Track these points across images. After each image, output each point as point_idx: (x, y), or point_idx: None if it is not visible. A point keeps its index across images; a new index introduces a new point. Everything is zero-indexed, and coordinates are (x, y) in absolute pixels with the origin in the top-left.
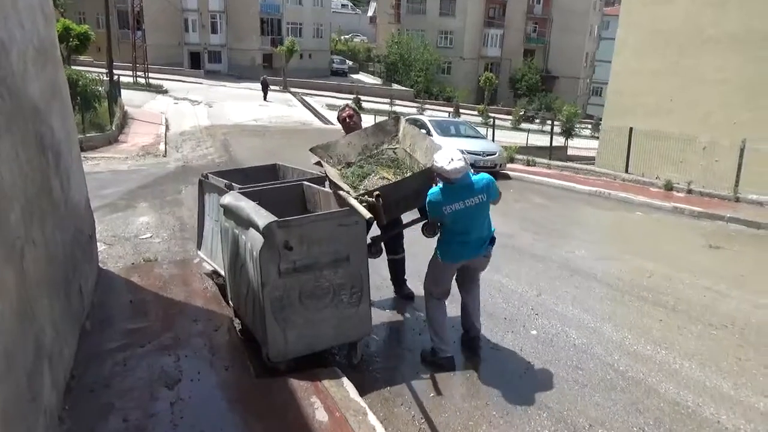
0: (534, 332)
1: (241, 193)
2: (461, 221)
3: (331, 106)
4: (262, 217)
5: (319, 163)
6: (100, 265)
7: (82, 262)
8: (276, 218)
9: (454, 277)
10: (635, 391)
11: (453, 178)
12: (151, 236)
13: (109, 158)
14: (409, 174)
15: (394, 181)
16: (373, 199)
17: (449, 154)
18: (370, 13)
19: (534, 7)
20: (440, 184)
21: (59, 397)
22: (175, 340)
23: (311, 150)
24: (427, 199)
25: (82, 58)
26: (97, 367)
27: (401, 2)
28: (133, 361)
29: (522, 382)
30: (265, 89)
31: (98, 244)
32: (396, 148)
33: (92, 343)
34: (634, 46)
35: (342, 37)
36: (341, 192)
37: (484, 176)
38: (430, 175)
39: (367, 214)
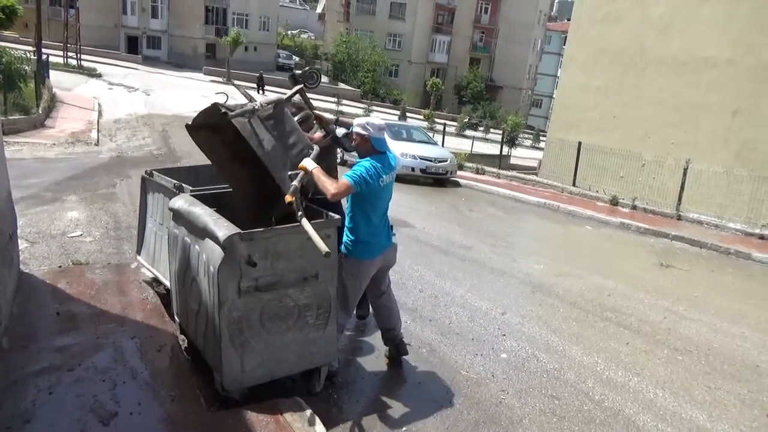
0: (504, 356)
1: (194, 196)
2: (383, 199)
3: None
4: (222, 227)
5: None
6: (21, 267)
7: (0, 267)
8: (239, 229)
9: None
10: (614, 424)
11: (380, 137)
12: (81, 234)
13: (34, 144)
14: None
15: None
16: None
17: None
18: (318, 10)
19: (481, 17)
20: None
21: None
22: (111, 362)
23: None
24: (363, 172)
25: (6, 33)
26: (16, 396)
27: (351, 1)
28: (61, 388)
29: (499, 412)
30: (261, 84)
31: (19, 241)
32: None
33: (11, 366)
34: (581, 62)
35: (289, 32)
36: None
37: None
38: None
39: (324, 248)
